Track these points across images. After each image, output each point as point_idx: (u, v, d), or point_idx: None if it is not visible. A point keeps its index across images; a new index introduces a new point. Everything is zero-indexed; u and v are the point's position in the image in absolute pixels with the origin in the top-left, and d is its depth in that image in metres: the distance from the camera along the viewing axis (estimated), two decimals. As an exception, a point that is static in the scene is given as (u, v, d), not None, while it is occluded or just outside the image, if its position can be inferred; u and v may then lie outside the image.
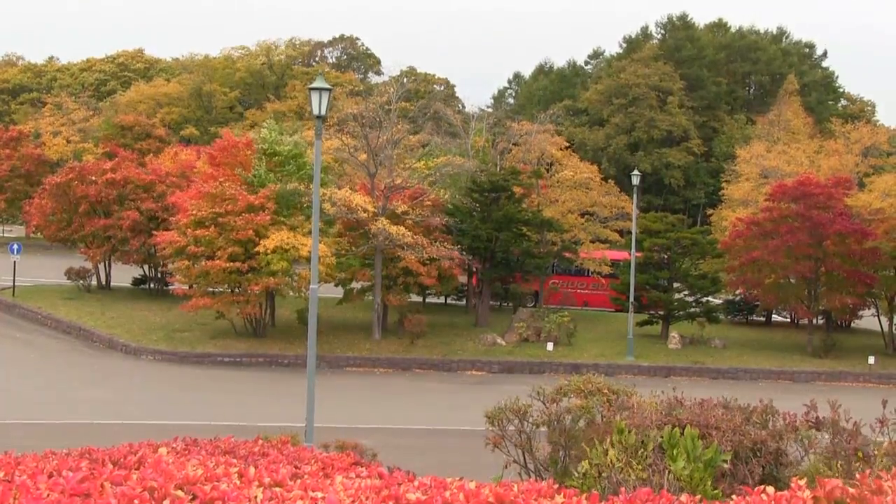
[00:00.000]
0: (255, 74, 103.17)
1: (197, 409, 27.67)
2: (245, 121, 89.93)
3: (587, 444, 10.43)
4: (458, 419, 26.14)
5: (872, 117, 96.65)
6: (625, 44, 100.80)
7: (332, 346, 38.35)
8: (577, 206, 49.85)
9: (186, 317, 40.13)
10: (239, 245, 36.14)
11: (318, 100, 20.40)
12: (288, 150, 40.39)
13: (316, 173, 21.64)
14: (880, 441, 11.71)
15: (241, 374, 35.38)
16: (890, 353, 42.41)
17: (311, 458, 7.94)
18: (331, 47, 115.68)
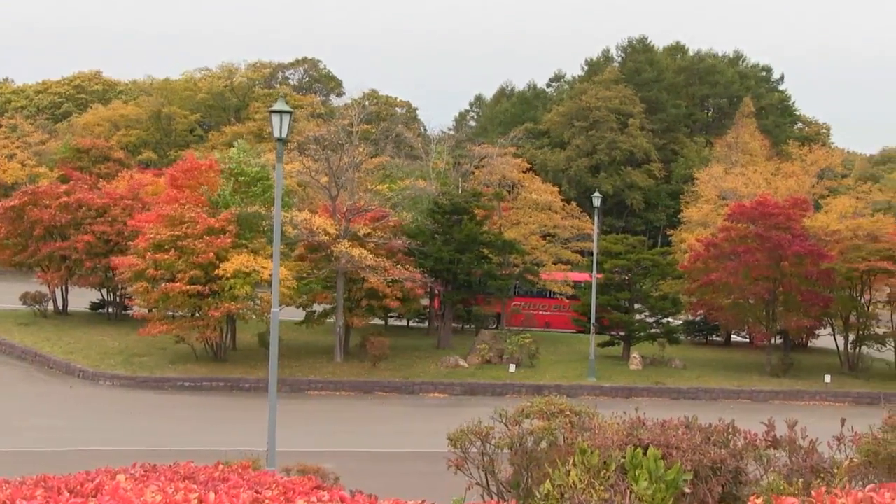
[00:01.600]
0: (216, 96, 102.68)
1: (156, 435, 27.40)
2: (206, 143, 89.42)
3: (549, 466, 10.42)
4: (420, 442, 26.05)
5: (828, 140, 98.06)
6: (586, 66, 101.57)
7: (293, 369, 38.11)
8: (538, 227, 50.08)
9: (145, 341, 39.74)
10: (199, 268, 35.81)
11: (278, 122, 20.35)
12: (255, 171, 40.24)
13: (277, 196, 21.56)
14: (837, 458, 11.82)
15: (201, 399, 35.05)
16: (845, 372, 42.88)
17: (273, 483, 7.87)
18: (292, 69, 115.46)
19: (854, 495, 4.97)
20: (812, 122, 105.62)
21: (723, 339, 51.96)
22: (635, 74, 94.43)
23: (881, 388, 39.59)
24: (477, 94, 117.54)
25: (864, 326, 43.49)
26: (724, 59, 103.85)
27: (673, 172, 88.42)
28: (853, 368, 43.38)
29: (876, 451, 12.04)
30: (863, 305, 43.48)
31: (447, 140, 61.28)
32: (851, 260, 41.55)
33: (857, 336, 43.70)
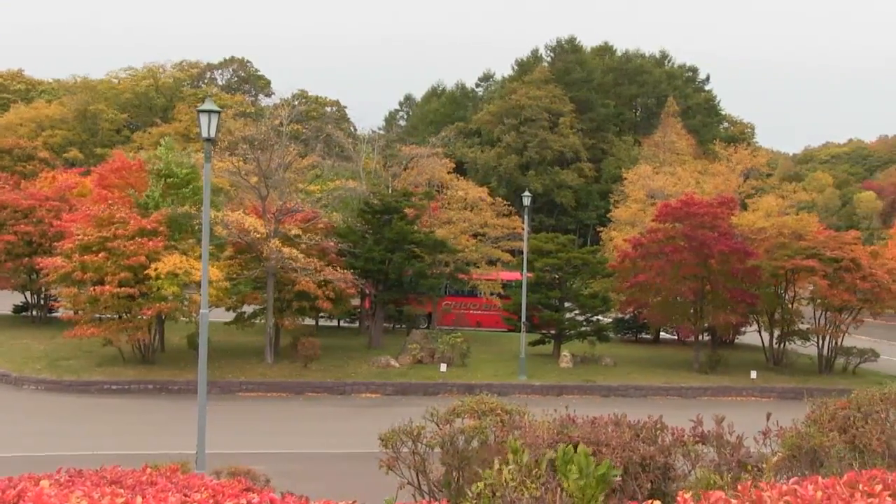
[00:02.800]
0: (140, 96, 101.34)
1: (82, 439, 26.91)
2: (132, 143, 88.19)
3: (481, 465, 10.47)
4: (352, 442, 25.97)
5: (752, 139, 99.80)
6: (516, 66, 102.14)
7: (223, 370, 37.72)
8: (469, 226, 50.20)
9: (71, 344, 39.05)
10: (129, 270, 35.22)
11: (206, 122, 20.14)
12: (185, 172, 39.72)
13: (206, 196, 21.32)
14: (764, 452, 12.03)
15: (129, 402, 34.53)
16: (771, 368, 43.67)
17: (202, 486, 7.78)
18: (221, 69, 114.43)
19: (779, 488, 5.05)
20: (737, 121, 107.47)
21: (652, 336, 52.56)
22: (565, 74, 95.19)
23: (805, 383, 40.35)
24: (406, 94, 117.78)
25: (789, 323, 44.32)
26: (652, 59, 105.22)
27: (603, 171, 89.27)
28: (778, 364, 44.17)
29: (799, 444, 12.29)
30: (787, 302, 44.34)
31: (377, 140, 61.11)
32: (777, 258, 42.34)
33: (781, 332, 44.52)
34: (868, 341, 47.89)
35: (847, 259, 41.29)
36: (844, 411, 13.63)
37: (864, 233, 75.18)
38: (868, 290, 41.32)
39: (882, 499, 4.77)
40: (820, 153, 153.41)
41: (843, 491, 5.01)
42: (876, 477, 5.27)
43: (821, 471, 11.40)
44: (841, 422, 13.26)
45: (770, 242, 43.88)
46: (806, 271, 41.72)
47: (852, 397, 14.01)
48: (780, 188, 65.03)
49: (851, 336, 44.81)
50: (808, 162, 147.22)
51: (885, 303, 42.94)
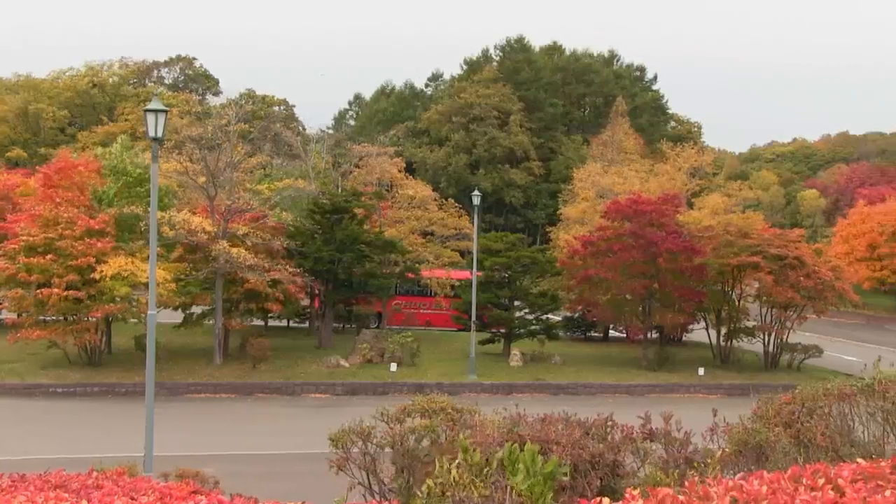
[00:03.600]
0: (83, 95, 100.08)
1: (27, 443, 26.51)
2: (77, 143, 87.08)
3: (431, 464, 10.47)
4: (302, 443, 25.84)
5: (699, 138, 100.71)
6: (465, 66, 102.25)
7: (171, 372, 37.36)
8: (419, 226, 50.20)
9: (15, 347, 38.40)
10: (76, 272, 34.70)
11: (153, 121, 19.95)
12: (139, 172, 39.27)
13: (153, 196, 21.13)
14: (711, 449, 12.18)
15: (75, 405, 34.09)
16: (718, 365, 44.15)
17: (149, 489, 7.72)
18: (167, 67, 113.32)
19: (725, 484, 5.11)
20: (684, 121, 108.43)
21: (601, 334, 52.86)
22: (514, 74, 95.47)
23: (751, 379, 40.83)
24: (356, 94, 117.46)
25: (735, 320, 44.82)
26: (600, 58, 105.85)
27: (551, 171, 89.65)
28: (725, 361, 44.67)
29: (745, 440, 12.44)
30: (734, 300, 44.83)
31: (326, 139, 60.93)
32: (723, 256, 42.83)
33: (728, 330, 45.00)
34: (812, 338, 48.56)
35: (791, 257, 41.87)
36: (789, 407, 13.83)
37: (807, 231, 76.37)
38: (812, 287, 41.90)
39: (825, 492, 4.84)
40: (765, 152, 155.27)
41: (788, 485, 5.08)
42: (819, 471, 5.35)
43: (766, 465, 11.56)
44: (786, 417, 13.45)
45: (716, 240, 44.37)
46: (752, 269, 42.25)
47: (797, 393, 14.21)
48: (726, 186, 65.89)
49: (796, 333, 45.39)
50: (754, 161, 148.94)
51: (828, 300, 43.58)
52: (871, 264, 68.86)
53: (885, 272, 68.76)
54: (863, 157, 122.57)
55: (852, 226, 71.49)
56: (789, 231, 49.83)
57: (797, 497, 4.75)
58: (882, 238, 68.70)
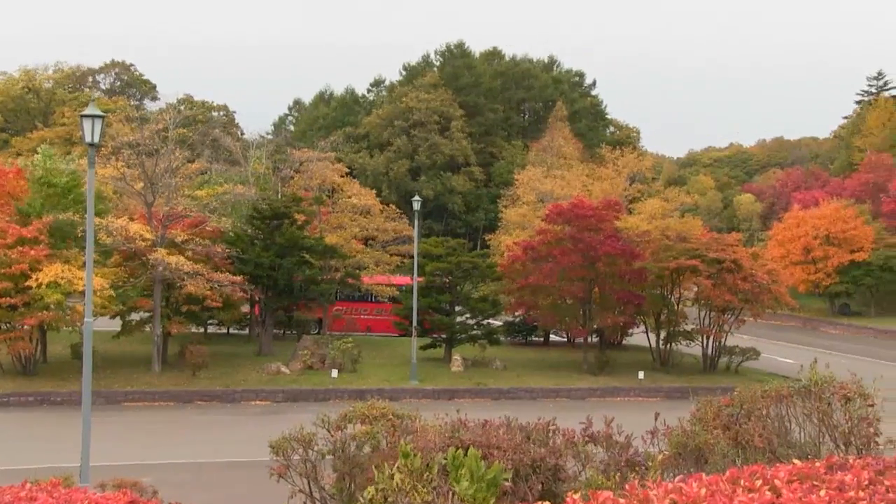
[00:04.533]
0: (16, 100, 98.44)
1: (-39, 454, 25.96)
2: (11, 149, 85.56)
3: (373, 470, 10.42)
4: (242, 451, 25.63)
5: (638, 143, 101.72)
6: (405, 71, 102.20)
7: (109, 380, 36.84)
8: (360, 231, 50.09)
9: (-53, 357, 37.63)
10: (9, 280, 34.06)
11: (90, 127, 19.66)
12: (65, 181, 38.62)
13: (89, 202, 20.80)
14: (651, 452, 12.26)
15: (8, 416, 33.42)
16: (658, 368, 44.56)
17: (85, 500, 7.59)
18: (103, 73, 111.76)
19: (665, 487, 5.15)
20: (623, 126, 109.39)
21: (542, 338, 53.10)
22: (454, 79, 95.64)
23: (690, 382, 41.21)
24: (295, 99, 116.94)
25: (674, 324, 45.29)
26: (539, 64, 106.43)
27: (492, 176, 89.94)
28: (665, 364, 45.10)
29: (685, 443, 12.55)
30: (673, 304, 45.31)
31: (266, 145, 60.56)
32: (662, 260, 43.26)
33: (667, 333, 45.45)
34: (750, 340, 49.22)
35: (729, 260, 42.39)
36: (728, 409, 13.96)
37: (744, 235, 77.49)
38: (749, 290, 42.45)
39: (762, 493, 4.90)
40: (702, 157, 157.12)
41: (726, 487, 5.13)
42: (756, 472, 5.42)
43: (706, 468, 11.66)
44: (725, 419, 13.57)
45: (655, 245, 44.82)
46: (690, 272, 42.72)
47: (735, 395, 14.35)
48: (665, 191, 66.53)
49: (734, 336, 46.00)
50: (692, 166, 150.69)
51: (765, 303, 44.19)
52: (806, 267, 70.01)
53: (820, 275, 69.95)
54: (797, 161, 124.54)
55: (787, 229, 72.60)
56: (727, 235, 50.45)
57: (735, 498, 4.80)
58: (816, 242, 69.88)
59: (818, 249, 69.68)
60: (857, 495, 4.91)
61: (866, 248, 69.17)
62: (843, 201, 73.69)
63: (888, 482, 5.29)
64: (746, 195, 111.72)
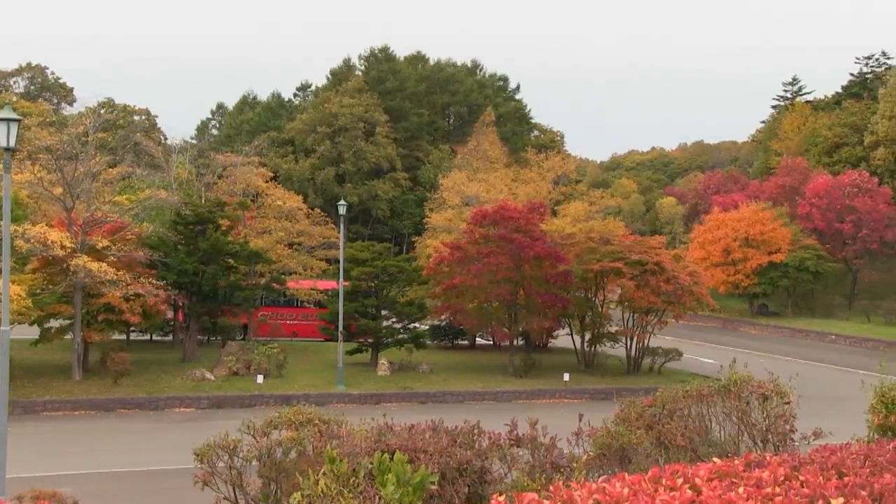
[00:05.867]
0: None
1: None
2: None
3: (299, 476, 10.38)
4: (166, 458, 25.33)
5: (562, 147, 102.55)
6: (330, 76, 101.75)
7: (26, 390, 36.06)
8: (285, 236, 49.77)
9: None
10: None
11: (5, 131, 19.26)
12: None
13: (6, 209, 20.37)
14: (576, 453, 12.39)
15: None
16: (583, 370, 44.97)
17: (3, 512, 7.44)
18: (17, 76, 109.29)
19: (589, 487, 5.21)
20: (547, 129, 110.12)
21: (468, 342, 53.26)
22: (378, 83, 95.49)
23: (614, 383, 41.68)
24: (219, 103, 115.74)
25: (599, 326, 45.73)
26: (463, 68, 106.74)
27: (418, 180, 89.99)
28: (590, 366, 45.51)
29: (609, 443, 12.70)
30: (597, 306, 45.74)
31: (190, 149, 59.87)
32: (586, 262, 43.64)
33: (592, 335, 45.87)
34: (672, 341, 49.94)
35: (652, 262, 42.96)
36: (651, 409, 14.19)
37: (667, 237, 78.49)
38: (671, 292, 43.07)
39: (683, 492, 4.98)
40: (625, 160, 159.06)
41: (648, 486, 5.21)
42: (678, 471, 5.51)
43: (629, 468, 11.83)
44: (648, 420, 13.78)
45: (580, 247, 45.22)
46: (614, 274, 43.15)
47: (658, 396, 14.58)
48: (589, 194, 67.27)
49: (657, 337, 46.62)
50: (615, 169, 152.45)
51: (687, 304, 44.87)
52: (727, 269, 71.20)
53: (739, 276, 71.18)
54: (717, 165, 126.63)
55: (708, 232, 73.73)
56: (649, 237, 51.14)
57: (657, 497, 4.88)
58: (736, 244, 71.09)
59: (737, 251, 70.91)
60: (774, 491, 5.02)
61: (783, 250, 70.58)
62: (762, 204, 75.05)
63: (803, 477, 5.43)
64: (668, 198, 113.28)
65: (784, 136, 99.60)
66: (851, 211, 73.47)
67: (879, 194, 74.89)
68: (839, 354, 56.02)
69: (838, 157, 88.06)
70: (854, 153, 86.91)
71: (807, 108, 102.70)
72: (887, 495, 5.01)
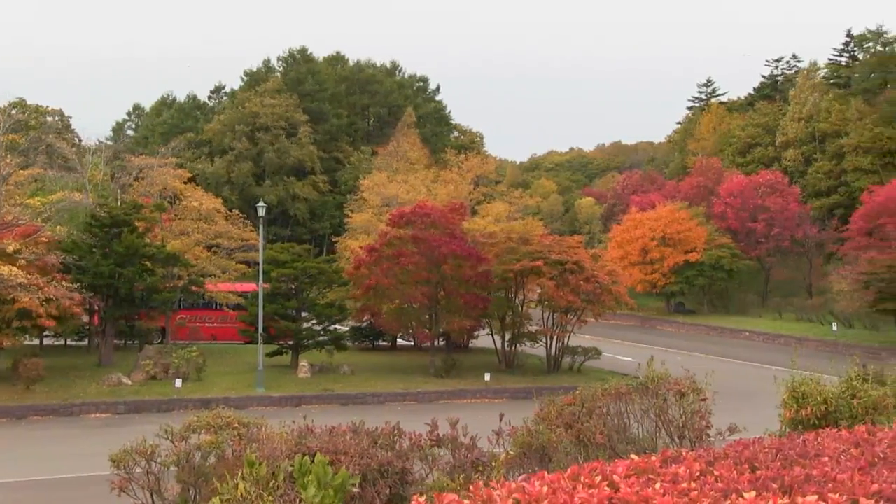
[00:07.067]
0: None
1: None
2: None
3: (218, 480, 10.28)
4: (81, 466, 24.81)
5: (482, 148, 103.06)
6: (247, 77, 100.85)
7: (-66, 398, 35.13)
8: (204, 238, 49.20)
9: None
10: None
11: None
12: None
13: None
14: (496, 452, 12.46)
15: None
16: (503, 370, 45.22)
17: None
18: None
19: (508, 486, 5.23)
20: (467, 130, 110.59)
21: (389, 343, 53.21)
22: (298, 85, 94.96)
23: (534, 382, 41.93)
24: (135, 104, 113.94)
25: (519, 326, 46.02)
26: (383, 69, 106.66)
27: (339, 181, 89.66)
28: (510, 366, 45.78)
29: (529, 442, 12.79)
30: (517, 305, 46.04)
31: (104, 151, 58.82)
32: (506, 262, 43.88)
33: (512, 335, 46.16)
34: (592, 340, 50.50)
35: (571, 262, 43.36)
36: (570, 408, 14.31)
37: (585, 237, 79.46)
38: (591, 291, 43.52)
39: (601, 489, 5.03)
40: (544, 161, 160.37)
41: (567, 484, 5.25)
42: (596, 469, 5.56)
43: (549, 466, 11.93)
44: (567, 418, 13.91)
45: (500, 248, 45.46)
46: (534, 274, 43.45)
47: (577, 394, 14.71)
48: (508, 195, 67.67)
49: (577, 336, 47.07)
50: (534, 169, 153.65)
51: (606, 303, 45.37)
52: (644, 268, 72.26)
53: (656, 275, 72.31)
54: (634, 165, 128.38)
55: (626, 231, 74.75)
56: (568, 237, 51.64)
57: (576, 495, 4.92)
58: (653, 243, 72.19)
59: (655, 251, 72.01)
60: (690, 486, 5.10)
61: (699, 249, 71.87)
62: (678, 204, 76.32)
63: (717, 472, 5.53)
64: (587, 198, 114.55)
65: (699, 136, 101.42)
66: (764, 210, 75.10)
67: (790, 193, 76.73)
68: (753, 351, 57.24)
69: (751, 158, 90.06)
70: (766, 153, 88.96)
71: (721, 109, 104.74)
72: (797, 487, 5.13)
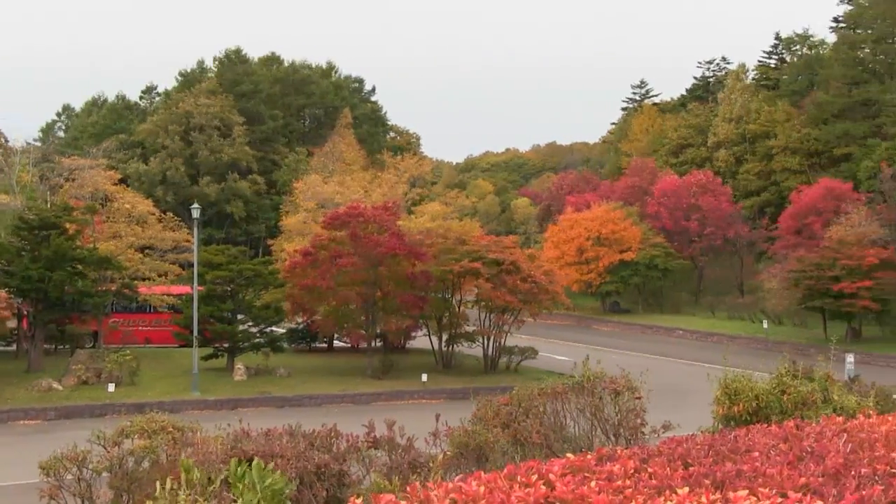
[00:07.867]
0: None
1: None
2: None
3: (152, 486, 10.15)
4: (9, 474, 24.31)
5: (418, 149, 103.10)
6: (181, 77, 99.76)
7: None
8: (137, 240, 48.58)
9: None
10: None
11: None
12: None
13: None
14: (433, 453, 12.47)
15: None
16: (440, 370, 45.21)
17: None
18: None
19: (445, 486, 5.22)
20: (403, 131, 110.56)
21: (326, 345, 52.98)
22: (233, 86, 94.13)
23: (472, 383, 41.96)
24: (65, 104, 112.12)
25: (456, 326, 46.12)
26: (318, 70, 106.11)
27: (274, 183, 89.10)
28: (448, 366, 45.82)
29: (466, 442, 12.81)
30: (454, 306, 46.12)
31: (33, 152, 57.82)
32: (444, 263, 43.92)
33: (449, 335, 46.22)
34: (529, 340, 50.67)
35: (508, 262, 43.56)
36: (507, 408, 14.37)
37: (521, 237, 79.82)
38: (527, 291, 43.72)
39: (537, 488, 5.05)
40: (480, 162, 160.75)
41: (504, 484, 5.26)
42: (533, 468, 5.58)
43: (486, 466, 11.94)
44: (504, 418, 13.95)
45: (437, 248, 45.48)
46: (472, 275, 43.54)
47: (514, 394, 14.78)
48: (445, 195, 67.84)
49: (514, 336, 47.23)
50: (470, 170, 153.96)
51: (543, 303, 45.64)
52: (580, 267, 72.72)
53: (592, 275, 72.85)
54: (570, 165, 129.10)
55: (562, 231, 75.18)
56: (505, 237, 51.85)
57: (512, 494, 4.92)
58: (589, 243, 72.70)
59: (590, 250, 72.53)
60: (624, 483, 5.14)
61: (634, 248, 72.57)
62: (613, 204, 76.98)
63: (651, 469, 5.58)
64: (523, 199, 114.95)
65: (633, 137, 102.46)
66: (697, 210, 76.11)
67: (722, 193, 77.91)
68: (687, 349, 57.95)
69: (684, 158, 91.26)
70: (699, 154, 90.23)
71: (654, 110, 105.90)
72: (728, 483, 5.19)
